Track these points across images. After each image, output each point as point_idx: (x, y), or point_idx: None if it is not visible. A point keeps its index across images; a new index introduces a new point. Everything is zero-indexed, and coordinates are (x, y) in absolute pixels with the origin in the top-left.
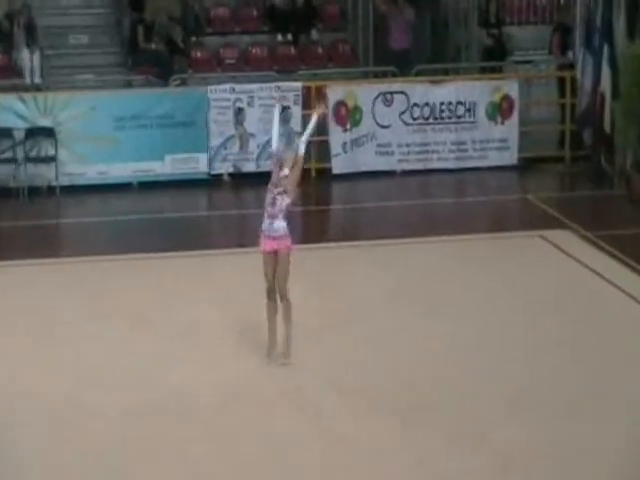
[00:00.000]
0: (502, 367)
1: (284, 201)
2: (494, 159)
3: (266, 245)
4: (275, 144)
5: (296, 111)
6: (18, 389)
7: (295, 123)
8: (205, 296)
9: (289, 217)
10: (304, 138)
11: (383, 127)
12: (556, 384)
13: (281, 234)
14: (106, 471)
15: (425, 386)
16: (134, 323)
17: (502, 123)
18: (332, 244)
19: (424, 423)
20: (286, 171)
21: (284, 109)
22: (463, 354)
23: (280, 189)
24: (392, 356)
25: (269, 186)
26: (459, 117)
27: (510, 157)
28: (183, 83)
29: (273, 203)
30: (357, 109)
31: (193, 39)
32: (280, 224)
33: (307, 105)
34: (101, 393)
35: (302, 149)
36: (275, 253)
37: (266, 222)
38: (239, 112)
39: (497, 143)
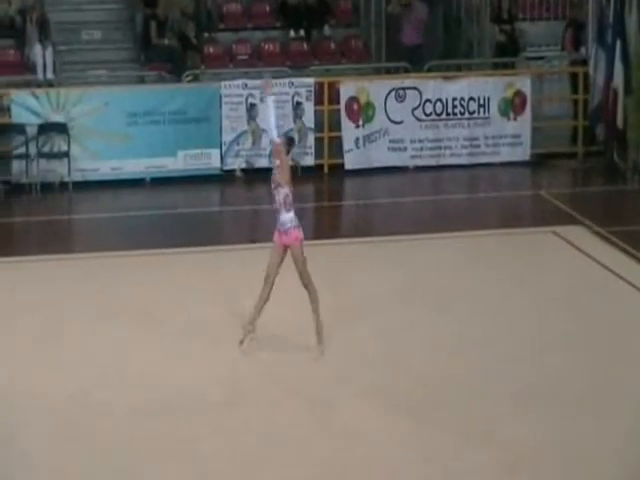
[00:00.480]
0: (512, 364)
1: (280, 194)
2: (507, 155)
3: (277, 239)
4: (274, 133)
5: (308, 107)
6: (26, 387)
7: (308, 119)
8: (216, 293)
9: (293, 206)
10: (271, 125)
11: (396, 123)
12: (566, 381)
13: (288, 227)
14: (114, 470)
15: (435, 383)
16: (144, 320)
17: (515, 119)
18: (344, 240)
19: (433, 420)
20: (277, 162)
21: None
22: (474, 351)
23: (274, 183)
24: (403, 353)
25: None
26: (471, 113)
27: (523, 153)
28: (196, 79)
29: (273, 199)
30: (369, 105)
31: (206, 35)
32: (286, 216)
33: (320, 101)
34: (109, 391)
35: (274, 135)
36: (286, 247)
37: (277, 217)
38: (251, 108)
39: (510, 139)
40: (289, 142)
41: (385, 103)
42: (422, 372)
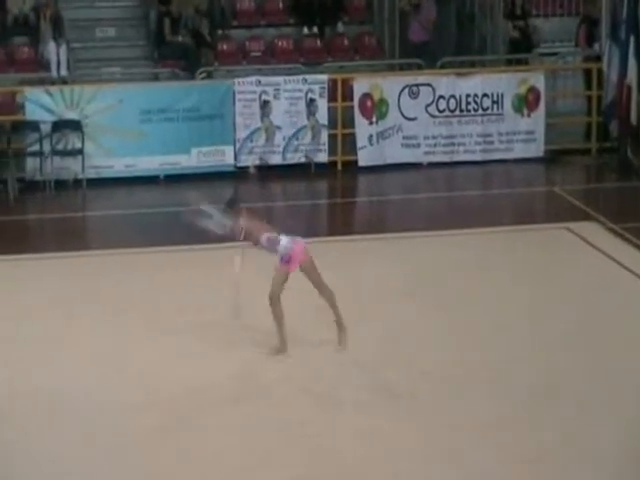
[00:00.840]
0: (524, 361)
1: (263, 243)
2: (520, 151)
3: (290, 268)
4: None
5: (322, 103)
6: (41, 382)
7: (321, 116)
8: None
9: (277, 237)
10: (216, 219)
11: (409, 119)
12: (579, 379)
13: (287, 256)
14: (128, 466)
15: (445, 380)
16: (156, 317)
17: (528, 115)
18: (357, 236)
19: (443, 418)
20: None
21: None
22: (485, 347)
23: (253, 242)
24: (412, 350)
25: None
26: (485, 109)
27: (536, 149)
28: (209, 76)
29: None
30: (383, 101)
31: (219, 32)
32: (281, 249)
33: (333, 97)
34: (121, 387)
35: (223, 221)
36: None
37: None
38: (265, 105)
39: (523, 135)
40: (231, 204)
41: (399, 100)
42: (432, 369)
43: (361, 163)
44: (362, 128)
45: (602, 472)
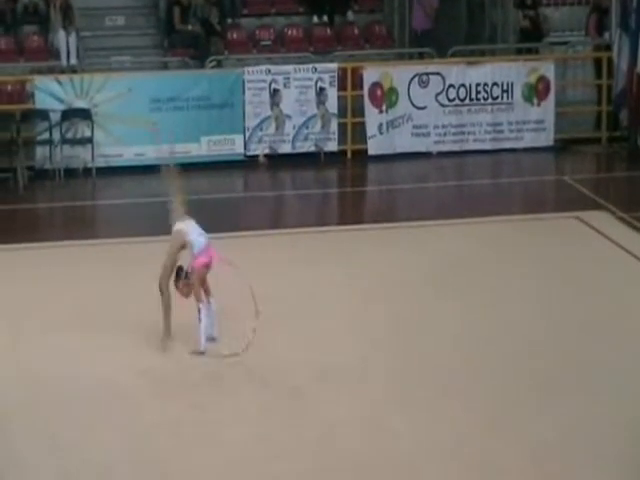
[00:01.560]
0: (534, 351)
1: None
2: (530, 140)
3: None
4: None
5: (332, 92)
6: (53, 371)
7: (331, 105)
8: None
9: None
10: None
11: (419, 108)
12: (589, 369)
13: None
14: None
15: (454, 371)
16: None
17: (538, 104)
18: (367, 225)
19: (454, 410)
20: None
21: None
22: (494, 338)
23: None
24: (418, 340)
25: None
26: (495, 98)
27: (546, 138)
28: (219, 65)
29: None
30: (393, 90)
31: (229, 20)
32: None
33: (343, 86)
34: (133, 376)
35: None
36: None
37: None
38: (275, 93)
39: (533, 124)
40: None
41: (408, 89)
42: (441, 360)
43: (371, 152)
44: (372, 117)
45: (602, 472)
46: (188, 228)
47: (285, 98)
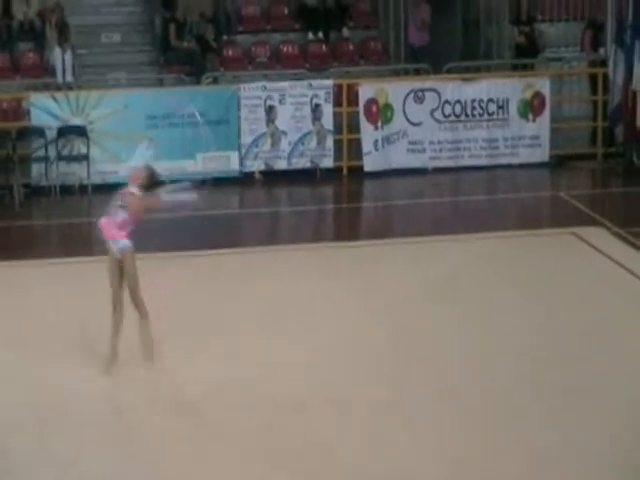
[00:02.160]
0: (533, 364)
1: (120, 216)
2: (525, 156)
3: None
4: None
5: (327, 109)
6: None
7: (327, 121)
8: (243, 293)
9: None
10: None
11: (414, 124)
12: (588, 381)
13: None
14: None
15: (454, 385)
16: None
17: (533, 120)
18: (363, 242)
19: (453, 420)
20: (134, 189)
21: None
22: (491, 352)
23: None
24: (418, 353)
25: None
26: (490, 114)
27: (542, 154)
28: (215, 81)
29: (115, 211)
30: (388, 107)
31: (225, 37)
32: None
33: (338, 102)
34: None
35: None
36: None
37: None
38: (270, 110)
39: (528, 140)
40: (151, 176)
41: (404, 105)
42: (441, 375)
43: (366, 168)
44: (367, 133)
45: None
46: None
47: (281, 115)
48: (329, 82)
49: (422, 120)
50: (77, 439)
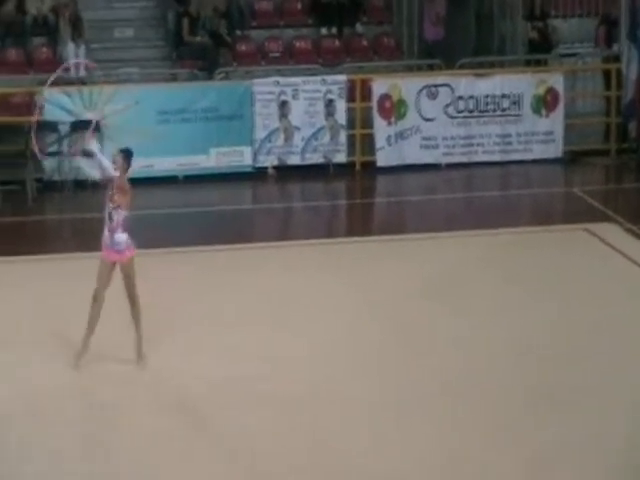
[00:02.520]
0: (539, 363)
1: (120, 215)
2: (539, 152)
3: (107, 256)
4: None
5: (340, 104)
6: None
7: (340, 116)
8: (248, 288)
9: (128, 228)
10: (104, 163)
11: (428, 120)
12: (592, 381)
13: (123, 248)
14: None
15: (456, 383)
16: (171, 317)
17: (547, 116)
18: (376, 237)
19: (452, 419)
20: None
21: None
22: (503, 348)
23: (114, 204)
24: (423, 350)
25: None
26: (504, 110)
27: (555, 150)
28: (228, 76)
29: (109, 217)
30: (402, 102)
31: (238, 32)
32: (122, 237)
33: (352, 98)
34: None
35: (109, 170)
36: (114, 264)
37: (110, 237)
38: (284, 105)
39: (542, 136)
40: (127, 155)
41: (417, 100)
42: (445, 371)
43: (380, 164)
44: (381, 129)
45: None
46: None
47: (294, 110)
48: (342, 77)
49: (435, 116)
50: (63, 437)
